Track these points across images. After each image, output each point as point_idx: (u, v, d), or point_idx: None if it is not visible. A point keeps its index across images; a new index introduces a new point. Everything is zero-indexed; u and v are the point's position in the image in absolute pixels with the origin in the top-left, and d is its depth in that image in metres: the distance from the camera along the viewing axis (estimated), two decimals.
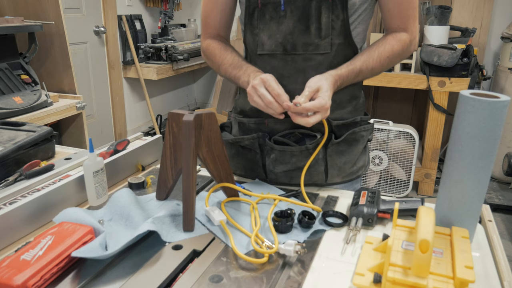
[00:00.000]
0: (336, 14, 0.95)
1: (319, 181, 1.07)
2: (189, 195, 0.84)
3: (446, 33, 2.94)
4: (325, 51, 0.97)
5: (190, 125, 0.82)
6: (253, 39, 1.02)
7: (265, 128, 1.07)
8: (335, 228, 0.87)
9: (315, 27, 0.96)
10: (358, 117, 1.08)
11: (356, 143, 1.08)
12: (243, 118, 1.10)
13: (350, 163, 1.09)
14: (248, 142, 1.08)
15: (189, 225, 0.85)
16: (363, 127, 1.08)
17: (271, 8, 0.97)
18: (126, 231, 0.83)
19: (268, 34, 0.99)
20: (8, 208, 0.82)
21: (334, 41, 0.97)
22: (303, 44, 0.97)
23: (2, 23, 1.94)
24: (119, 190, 0.94)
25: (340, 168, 1.08)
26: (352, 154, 1.08)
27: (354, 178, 1.12)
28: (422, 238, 0.62)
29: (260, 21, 0.99)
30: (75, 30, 2.90)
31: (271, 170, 1.08)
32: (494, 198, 2.88)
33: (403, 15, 1.00)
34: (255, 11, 0.99)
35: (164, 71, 3.38)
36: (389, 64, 1.01)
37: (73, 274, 0.72)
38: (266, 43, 1.00)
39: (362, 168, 1.14)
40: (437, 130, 2.86)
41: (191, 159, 0.83)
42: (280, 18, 0.97)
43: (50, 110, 2.05)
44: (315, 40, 0.97)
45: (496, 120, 0.71)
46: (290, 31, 0.97)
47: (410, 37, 1.01)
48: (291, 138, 1.05)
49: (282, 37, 0.98)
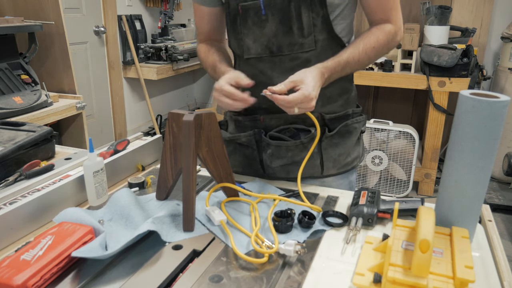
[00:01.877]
0: (316, 11, 0.96)
1: (315, 173, 1.10)
2: (189, 195, 0.84)
3: (446, 33, 2.94)
4: (310, 49, 1.00)
5: (190, 125, 0.82)
6: (238, 44, 1.05)
7: (261, 124, 1.09)
8: (335, 228, 0.87)
9: (297, 27, 0.98)
10: (350, 110, 1.10)
11: (350, 135, 1.11)
12: (238, 116, 1.13)
13: (345, 155, 1.11)
14: (245, 139, 1.10)
15: (189, 225, 0.85)
16: (355, 119, 1.10)
17: (252, 13, 0.99)
18: (126, 231, 0.83)
19: (253, 38, 1.01)
20: (8, 208, 0.82)
21: (318, 37, 0.99)
22: (288, 45, 0.99)
23: (2, 23, 1.94)
24: (119, 190, 0.94)
25: (335, 160, 1.10)
26: (346, 146, 1.11)
27: (349, 169, 1.14)
28: (422, 238, 0.62)
29: (243, 27, 1.02)
30: (75, 30, 2.90)
31: (268, 165, 1.09)
32: (494, 198, 2.88)
33: (384, 8, 1.01)
34: (237, 17, 1.02)
35: (164, 71, 3.38)
36: (376, 55, 1.01)
37: (73, 274, 0.72)
38: (252, 47, 1.02)
39: (356, 159, 1.16)
40: (437, 130, 2.86)
41: (191, 159, 0.83)
42: (262, 22, 0.99)
43: (50, 110, 2.05)
44: (299, 40, 0.99)
45: (496, 120, 0.71)
46: (273, 33, 0.99)
47: (395, 27, 1.02)
48: (286, 134, 1.07)
49: (266, 40, 1.00)
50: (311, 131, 1.05)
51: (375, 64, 2.94)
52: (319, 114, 1.06)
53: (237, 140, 1.12)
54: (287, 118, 1.06)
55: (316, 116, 1.04)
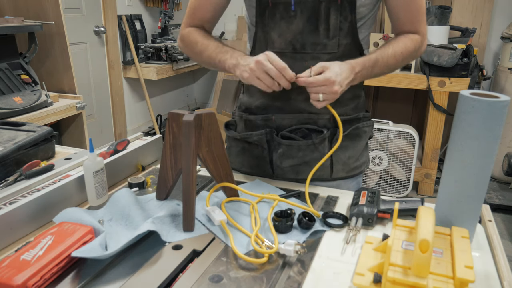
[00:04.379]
0: (344, 15, 0.98)
1: (324, 175, 1.10)
2: (189, 195, 0.84)
3: (446, 33, 2.94)
4: (332, 51, 1.01)
5: (190, 125, 0.82)
6: (264, 37, 1.04)
7: (272, 124, 1.09)
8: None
9: (323, 28, 0.99)
10: (361, 114, 1.12)
11: (359, 139, 1.12)
12: (249, 116, 1.12)
13: (354, 158, 1.12)
14: (256, 138, 1.10)
15: (189, 225, 0.85)
16: (365, 123, 1.12)
17: (282, 8, 1.00)
18: (126, 231, 0.83)
19: (278, 32, 1.02)
20: (8, 208, 0.82)
21: (341, 41, 1.00)
22: (312, 44, 1.00)
23: (2, 23, 1.94)
24: (119, 190, 0.94)
25: (345, 163, 1.11)
26: (355, 149, 1.12)
27: (357, 173, 1.15)
28: (422, 238, 0.62)
29: (270, 20, 1.02)
30: (75, 30, 2.90)
31: (278, 165, 1.10)
32: (494, 198, 2.88)
33: (413, 20, 1.04)
34: (266, 10, 1.02)
35: (164, 71, 3.38)
36: (403, 61, 1.03)
37: (73, 274, 0.72)
38: (276, 41, 1.03)
39: (364, 164, 1.17)
40: (437, 130, 2.86)
41: (191, 159, 0.83)
42: (290, 18, 1.00)
43: (50, 110, 2.05)
44: (323, 40, 1.00)
45: (496, 120, 0.71)
46: (300, 30, 1.00)
47: (422, 38, 1.05)
48: (298, 134, 1.07)
49: (292, 36, 1.01)
50: (323, 132, 1.06)
51: None
52: (331, 116, 1.06)
53: (247, 139, 1.12)
54: (299, 119, 1.06)
55: (328, 118, 1.05)
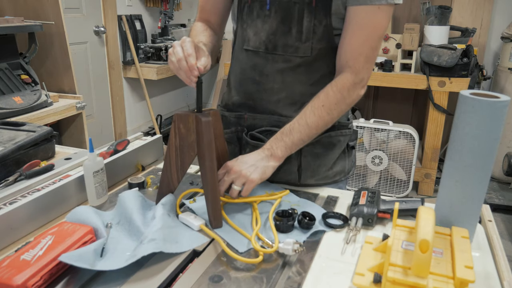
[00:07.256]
0: (318, 19, 0.94)
1: (292, 180, 1.07)
2: (215, 193, 0.85)
3: (446, 33, 2.94)
4: (305, 55, 0.98)
5: (209, 125, 0.83)
6: (242, 34, 1.04)
7: (244, 123, 1.09)
8: None
9: (296, 30, 0.96)
10: (336, 122, 1.02)
11: (333, 147, 1.07)
12: (225, 112, 1.12)
13: (326, 167, 1.08)
14: (227, 136, 1.09)
15: (218, 221, 0.85)
16: (340, 131, 1.06)
17: (258, 6, 0.99)
18: (129, 238, 0.81)
19: (254, 31, 1.01)
20: (8, 208, 0.82)
21: (315, 45, 0.96)
22: (284, 46, 0.98)
23: (2, 23, 1.94)
24: (126, 190, 0.92)
25: (314, 170, 1.07)
26: (327, 158, 1.07)
27: (329, 183, 1.10)
28: (422, 238, 0.62)
29: (248, 17, 1.02)
30: (75, 30, 2.90)
31: None
32: (494, 198, 2.88)
33: (353, 52, 0.94)
34: (245, 6, 1.01)
35: (164, 71, 3.38)
36: (330, 112, 0.95)
37: (73, 274, 0.71)
38: (252, 40, 1.02)
39: (341, 173, 1.12)
40: (437, 130, 2.86)
41: (214, 158, 0.84)
42: (265, 17, 0.99)
43: (50, 110, 2.05)
44: (295, 43, 0.97)
45: (496, 120, 0.71)
46: (273, 31, 0.98)
47: (355, 79, 0.94)
48: (268, 136, 1.03)
49: (265, 36, 1.00)
50: None
51: (375, 64, 2.94)
52: None
53: None
54: (270, 120, 1.05)
55: None
